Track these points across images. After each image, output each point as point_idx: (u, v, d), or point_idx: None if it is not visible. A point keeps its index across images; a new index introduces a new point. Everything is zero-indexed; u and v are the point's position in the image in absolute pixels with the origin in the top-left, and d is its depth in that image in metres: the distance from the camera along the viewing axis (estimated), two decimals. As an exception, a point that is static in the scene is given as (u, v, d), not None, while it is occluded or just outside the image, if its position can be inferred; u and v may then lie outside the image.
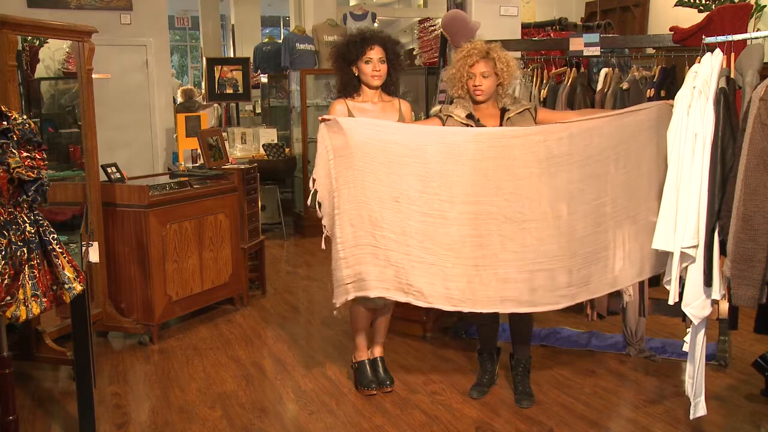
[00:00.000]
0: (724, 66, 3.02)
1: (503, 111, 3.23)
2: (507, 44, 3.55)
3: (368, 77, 3.30)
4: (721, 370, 3.66)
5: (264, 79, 9.00)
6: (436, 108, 4.27)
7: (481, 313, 3.12)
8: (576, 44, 3.83)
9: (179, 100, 9.27)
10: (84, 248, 3.34)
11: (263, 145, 7.36)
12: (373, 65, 3.28)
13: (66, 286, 2.54)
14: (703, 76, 2.96)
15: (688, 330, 3.06)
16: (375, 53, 3.28)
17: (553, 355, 3.86)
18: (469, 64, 3.20)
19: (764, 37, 3.03)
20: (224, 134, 6.70)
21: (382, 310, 3.48)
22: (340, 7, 8.67)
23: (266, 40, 9.60)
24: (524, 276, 2.96)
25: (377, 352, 3.56)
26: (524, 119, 3.20)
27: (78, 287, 2.59)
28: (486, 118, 3.24)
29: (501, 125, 3.18)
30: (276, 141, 7.55)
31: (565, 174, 2.97)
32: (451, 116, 3.22)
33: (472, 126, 3.18)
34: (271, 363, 3.92)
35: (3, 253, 2.31)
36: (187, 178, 4.76)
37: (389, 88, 3.41)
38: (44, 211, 2.61)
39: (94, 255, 3.40)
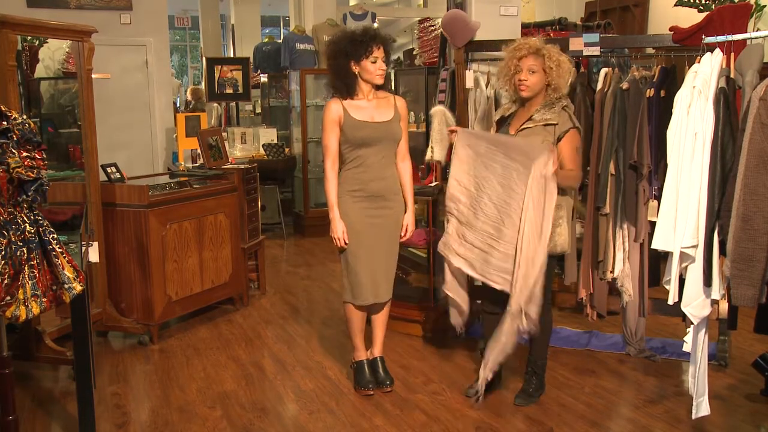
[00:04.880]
0: (724, 66, 3.03)
1: (529, 118, 3.16)
2: (507, 44, 3.55)
3: (373, 76, 3.30)
4: (721, 370, 3.66)
5: (264, 78, 9.00)
6: (436, 108, 4.27)
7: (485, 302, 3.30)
8: (576, 44, 3.83)
9: (188, 98, 9.27)
10: (84, 248, 3.34)
11: (263, 145, 7.36)
12: (379, 64, 3.29)
13: (66, 286, 2.53)
14: (703, 75, 2.97)
15: (688, 330, 3.06)
16: (380, 52, 3.29)
17: (553, 355, 3.85)
18: (517, 57, 3.16)
19: (764, 37, 3.03)
20: (224, 134, 6.70)
21: (374, 307, 3.48)
22: (340, 7, 8.66)
23: (266, 39, 9.59)
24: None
25: (377, 351, 3.56)
26: (543, 133, 3.10)
27: (78, 287, 2.58)
28: (515, 122, 3.24)
29: (515, 133, 3.18)
30: (276, 141, 7.55)
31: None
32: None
33: (494, 130, 3.37)
34: (271, 363, 3.93)
35: (3, 253, 2.31)
36: (186, 178, 4.76)
37: (385, 85, 3.42)
38: (44, 211, 2.61)
39: (93, 255, 3.40)
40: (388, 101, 3.41)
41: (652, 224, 3.35)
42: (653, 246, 3.09)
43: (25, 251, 2.39)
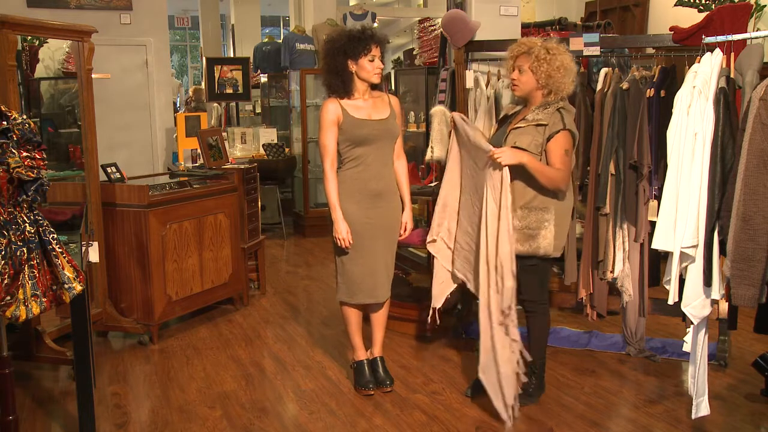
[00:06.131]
0: (724, 66, 3.03)
1: (524, 118, 3.17)
2: (506, 44, 3.55)
3: (370, 74, 3.31)
4: (721, 370, 3.66)
5: (264, 79, 9.00)
6: (436, 108, 4.27)
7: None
8: (576, 44, 3.82)
9: (190, 96, 9.24)
10: (84, 248, 3.34)
11: (263, 145, 7.36)
12: (376, 63, 3.29)
13: (66, 286, 2.53)
14: (703, 75, 2.97)
15: (688, 330, 3.06)
16: (378, 51, 3.30)
17: (553, 355, 3.86)
18: (510, 56, 3.21)
19: (764, 37, 3.03)
20: (224, 134, 6.70)
21: (372, 306, 3.48)
22: (340, 7, 8.66)
23: (266, 39, 9.59)
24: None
25: (377, 351, 3.56)
26: (533, 133, 3.09)
27: (78, 287, 2.58)
28: (514, 122, 3.25)
29: (509, 131, 3.19)
30: (276, 141, 7.55)
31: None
32: None
33: (495, 128, 3.40)
34: (271, 363, 3.93)
35: (3, 252, 2.31)
36: (186, 178, 4.76)
37: (379, 85, 3.43)
38: (44, 211, 2.61)
39: (94, 255, 3.40)
40: (383, 100, 3.41)
41: (652, 224, 3.35)
42: (653, 246, 3.09)
43: (25, 251, 2.39)
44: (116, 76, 6.43)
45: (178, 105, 9.37)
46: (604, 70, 3.78)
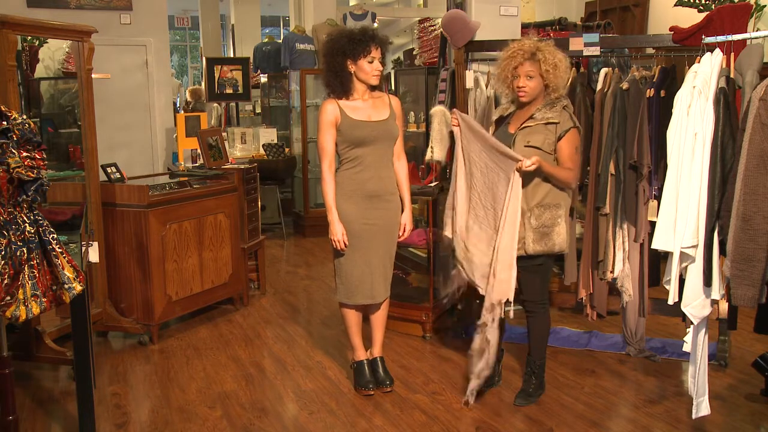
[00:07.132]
0: (724, 66, 3.03)
1: (530, 117, 3.17)
2: (506, 44, 3.55)
3: (369, 76, 3.30)
4: (721, 370, 3.66)
5: (264, 79, 9.00)
6: (436, 108, 4.27)
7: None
8: (576, 44, 3.83)
9: (188, 98, 9.25)
10: (84, 248, 3.34)
11: (263, 145, 7.36)
12: (375, 65, 3.28)
13: (66, 286, 2.53)
14: (703, 75, 2.97)
15: (688, 330, 3.06)
16: (377, 53, 3.29)
17: (553, 355, 3.86)
18: (513, 65, 3.16)
19: (764, 37, 3.03)
20: (224, 134, 6.70)
21: (371, 307, 3.48)
22: (340, 7, 8.65)
23: (266, 40, 9.58)
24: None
25: (376, 351, 3.56)
26: (544, 132, 3.11)
27: (78, 287, 2.58)
28: (515, 121, 3.25)
29: (515, 131, 3.19)
30: (276, 141, 7.55)
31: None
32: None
33: (492, 129, 3.37)
34: (271, 363, 3.93)
35: (3, 253, 2.31)
36: (186, 178, 4.76)
37: (380, 86, 3.42)
38: (44, 211, 2.61)
39: (93, 255, 3.40)
40: (383, 100, 3.40)
41: (652, 224, 3.36)
42: (653, 246, 3.09)
43: (25, 251, 2.39)
44: (116, 76, 6.43)
45: (178, 105, 9.35)
46: (604, 70, 3.78)
